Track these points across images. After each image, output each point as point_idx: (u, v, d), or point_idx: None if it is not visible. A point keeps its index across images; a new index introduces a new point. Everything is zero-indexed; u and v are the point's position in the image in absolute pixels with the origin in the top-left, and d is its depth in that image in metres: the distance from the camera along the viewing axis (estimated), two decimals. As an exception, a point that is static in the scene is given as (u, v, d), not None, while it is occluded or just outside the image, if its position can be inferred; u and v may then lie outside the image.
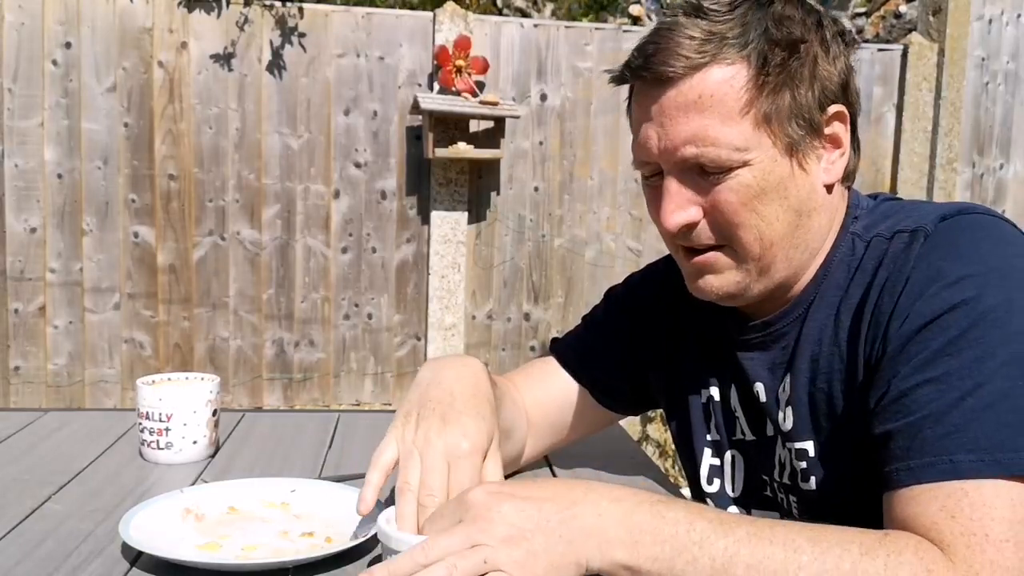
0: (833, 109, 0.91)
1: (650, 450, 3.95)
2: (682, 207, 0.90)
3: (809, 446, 0.93)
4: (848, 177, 0.96)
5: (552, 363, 1.19)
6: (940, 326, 0.79)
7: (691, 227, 0.91)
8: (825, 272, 0.94)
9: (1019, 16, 4.32)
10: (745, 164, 0.87)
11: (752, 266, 0.92)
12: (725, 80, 0.87)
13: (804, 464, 0.93)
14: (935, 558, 0.71)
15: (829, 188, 0.93)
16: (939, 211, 0.88)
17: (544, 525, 0.73)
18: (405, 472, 0.85)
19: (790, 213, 0.90)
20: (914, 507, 0.75)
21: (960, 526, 0.72)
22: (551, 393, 1.17)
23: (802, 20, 0.90)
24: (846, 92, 0.92)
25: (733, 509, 1.05)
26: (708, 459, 1.06)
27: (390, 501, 0.94)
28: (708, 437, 1.06)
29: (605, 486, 0.78)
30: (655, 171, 0.92)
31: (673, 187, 0.90)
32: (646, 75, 0.89)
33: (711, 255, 0.92)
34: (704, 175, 0.89)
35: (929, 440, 0.76)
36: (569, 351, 1.19)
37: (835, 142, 0.92)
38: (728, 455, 1.05)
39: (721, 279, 0.93)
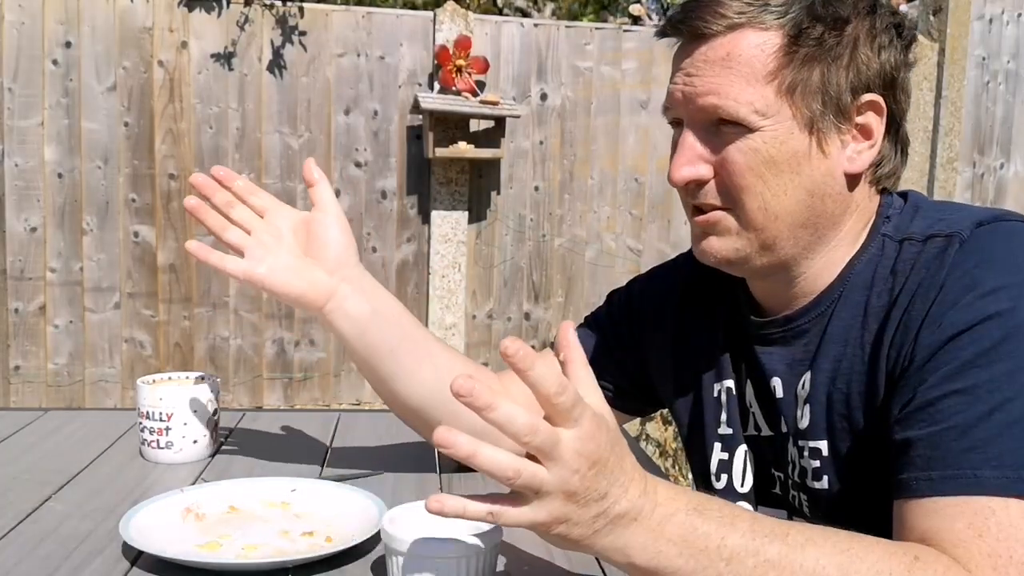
0: (867, 97, 0.89)
1: (650, 450, 3.94)
2: (692, 162, 0.91)
3: (823, 446, 0.92)
4: (883, 179, 0.94)
5: (551, 359, 1.18)
6: (972, 337, 0.78)
7: (699, 184, 0.91)
8: (852, 271, 0.93)
9: (1019, 15, 4.32)
10: (760, 129, 0.87)
11: (754, 236, 0.91)
12: (756, 44, 0.87)
13: (816, 463, 0.93)
14: None
15: (853, 179, 0.91)
16: (975, 217, 0.86)
17: (593, 504, 0.71)
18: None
19: (800, 191, 0.89)
20: (938, 520, 0.74)
21: (987, 546, 0.72)
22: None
23: (853, 3, 0.89)
24: (890, 86, 0.91)
25: (741, 505, 1.04)
26: (717, 454, 1.06)
27: (392, 503, 0.94)
28: (719, 431, 1.06)
29: (659, 486, 0.74)
30: (677, 120, 0.94)
31: (688, 140, 0.91)
32: (683, 29, 0.91)
33: (715, 214, 0.92)
34: (719, 133, 0.89)
35: (953, 452, 0.75)
36: None
37: (865, 132, 0.91)
38: (740, 450, 1.04)
39: (722, 242, 0.93)
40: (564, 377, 0.69)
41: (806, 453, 0.94)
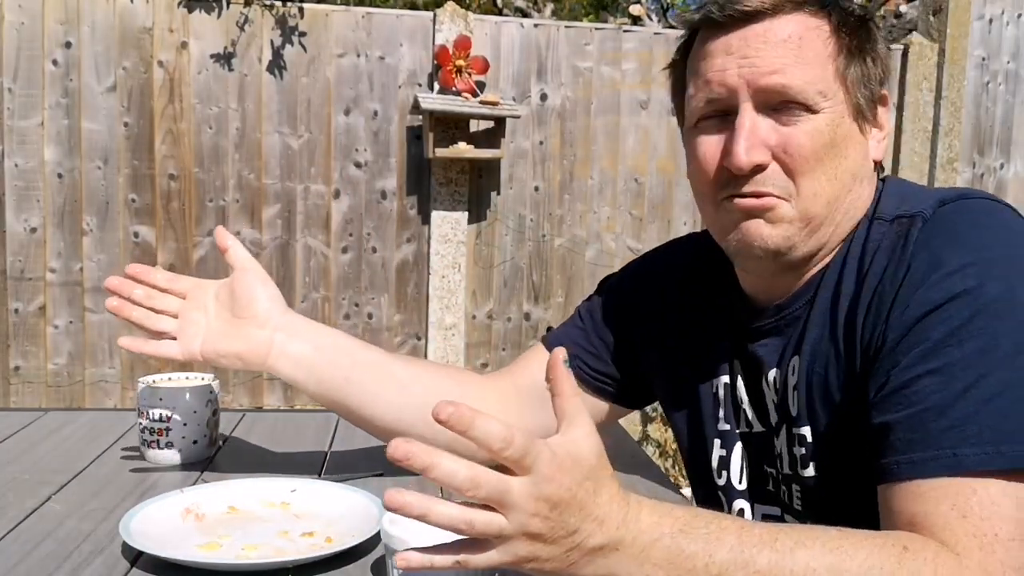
0: (883, 90, 0.94)
1: (650, 450, 3.95)
2: (757, 146, 0.88)
3: (807, 432, 0.93)
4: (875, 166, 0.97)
5: (541, 351, 1.19)
6: (941, 316, 0.78)
7: (760, 169, 0.89)
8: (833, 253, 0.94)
9: (1019, 16, 4.32)
10: (822, 110, 0.88)
11: (805, 223, 0.90)
12: (814, 27, 0.89)
13: (803, 450, 0.93)
14: (951, 569, 0.71)
15: (874, 167, 0.95)
16: (938, 196, 0.88)
17: (563, 540, 0.69)
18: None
19: (847, 175, 0.90)
20: (922, 504, 0.75)
21: (972, 527, 0.72)
22: (537, 379, 1.16)
23: (861, 3, 0.93)
24: (889, 82, 0.95)
25: (740, 502, 1.05)
26: (717, 450, 1.06)
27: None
28: (718, 427, 1.06)
29: (643, 511, 0.72)
30: (718, 111, 0.91)
31: (750, 122, 0.88)
32: (731, 9, 0.89)
33: (771, 199, 0.89)
34: (779, 116, 0.88)
35: (932, 433, 0.76)
36: (558, 340, 1.18)
37: (880, 123, 0.95)
38: (737, 447, 1.04)
39: (772, 229, 0.90)
40: (509, 429, 0.66)
41: (795, 441, 0.94)
